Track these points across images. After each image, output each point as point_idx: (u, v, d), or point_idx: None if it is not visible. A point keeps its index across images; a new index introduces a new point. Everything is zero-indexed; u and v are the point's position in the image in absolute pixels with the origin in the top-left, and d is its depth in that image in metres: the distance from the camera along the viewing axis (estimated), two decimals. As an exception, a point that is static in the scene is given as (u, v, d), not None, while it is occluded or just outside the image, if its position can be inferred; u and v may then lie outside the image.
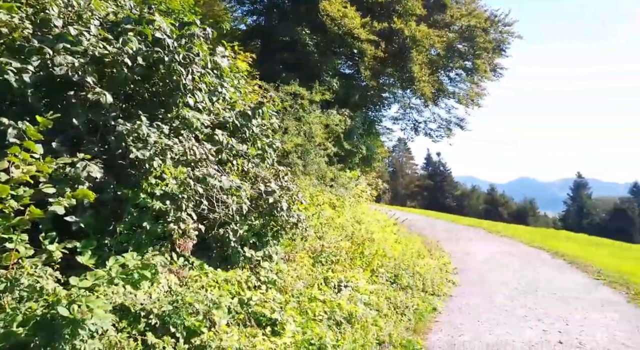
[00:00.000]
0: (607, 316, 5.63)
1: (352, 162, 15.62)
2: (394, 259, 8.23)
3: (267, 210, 4.61)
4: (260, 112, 4.80)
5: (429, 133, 21.59)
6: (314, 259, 6.21)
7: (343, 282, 5.76)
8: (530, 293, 7.07)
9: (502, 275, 8.65)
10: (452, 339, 5.03)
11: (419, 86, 15.71)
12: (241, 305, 3.75)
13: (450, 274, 8.82)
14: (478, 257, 10.89)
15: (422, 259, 9.28)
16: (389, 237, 9.95)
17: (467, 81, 19.54)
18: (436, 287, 7.37)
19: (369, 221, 10.06)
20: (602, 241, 20.32)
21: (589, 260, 10.24)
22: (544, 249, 12.05)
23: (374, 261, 7.32)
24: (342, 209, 10.50)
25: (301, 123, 8.74)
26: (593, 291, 7.15)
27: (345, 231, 8.57)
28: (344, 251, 6.63)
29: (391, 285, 6.96)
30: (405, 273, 7.55)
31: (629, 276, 8.37)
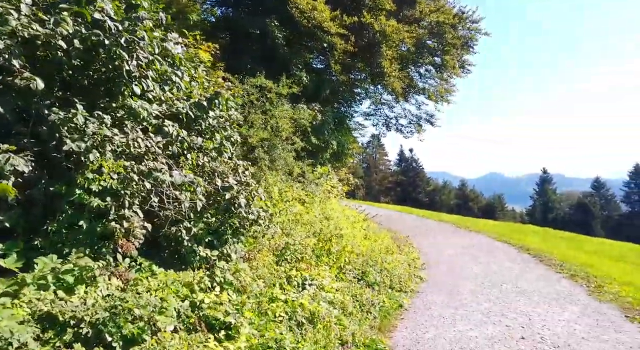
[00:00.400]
0: (567, 310, 5.69)
1: (322, 157, 15.45)
2: (362, 255, 8.13)
3: (224, 206, 4.35)
4: (216, 103, 4.52)
5: (400, 129, 21.71)
6: (277, 257, 6.00)
7: (308, 281, 5.58)
8: (495, 287, 7.12)
9: (469, 270, 8.70)
10: (416, 336, 4.94)
11: (389, 81, 15.68)
12: (192, 308, 3.50)
13: (418, 270, 8.81)
14: (446, 252, 10.97)
15: (390, 254, 9.23)
16: (358, 233, 9.85)
17: (437, 77, 19.72)
18: (403, 283, 7.32)
19: (338, 217, 9.93)
20: (565, 235, 21.05)
21: (552, 253, 10.48)
22: (511, 243, 12.28)
23: (341, 258, 7.18)
24: (312, 205, 10.31)
25: (268, 117, 8.47)
26: (555, 284, 7.27)
27: (313, 228, 8.39)
28: (309, 248, 6.43)
29: (358, 283, 6.84)
30: (373, 269, 7.46)
31: (589, 269, 8.58)
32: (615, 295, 6.43)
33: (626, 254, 14.69)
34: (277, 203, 9.60)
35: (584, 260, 9.92)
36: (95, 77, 3.77)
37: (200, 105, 4.46)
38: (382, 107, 22.18)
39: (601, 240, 21.09)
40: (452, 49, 17.00)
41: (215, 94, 4.56)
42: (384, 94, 21.28)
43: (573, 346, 4.34)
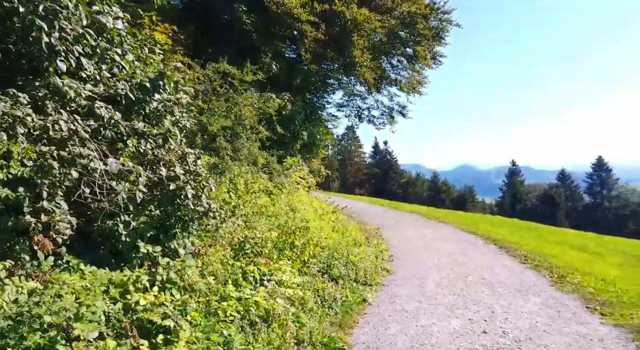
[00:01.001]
0: (530, 301, 5.64)
1: (293, 148, 15.12)
2: (329, 248, 7.90)
3: (169, 198, 3.99)
4: (161, 84, 4.12)
5: (372, 120, 21.56)
6: (236, 252, 5.68)
7: (266, 276, 5.29)
8: (460, 279, 7.04)
9: (435, 261, 8.64)
10: (377, 332, 4.75)
11: (361, 71, 15.45)
12: (125, 311, 3.15)
13: (385, 262, 8.67)
14: (415, 244, 10.92)
15: (358, 247, 9.06)
16: (326, 225, 9.62)
17: (409, 69, 19.63)
18: (369, 276, 7.14)
19: (306, 209, 9.66)
20: (532, 225, 21.56)
21: (518, 244, 10.59)
22: (478, 234, 12.37)
23: (305, 251, 6.92)
24: (279, 197, 10.00)
25: (231, 104, 8.05)
26: (520, 275, 7.27)
27: (278, 220, 8.08)
28: (270, 242, 6.13)
29: (322, 277, 6.61)
30: (338, 263, 7.25)
31: (552, 259, 8.67)
32: (576, 285, 6.45)
33: (587, 244, 15.11)
34: (242, 194, 9.24)
35: (548, 251, 10.05)
36: (14, 50, 3.31)
37: (143, 87, 4.04)
38: (354, 99, 21.97)
39: (565, 231, 21.73)
40: (423, 40, 16.90)
41: (160, 75, 4.15)
42: (356, 85, 21.05)
43: (534, 340, 4.25)
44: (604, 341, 4.20)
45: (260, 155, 8.77)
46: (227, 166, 9.02)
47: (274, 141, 13.87)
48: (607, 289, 6.17)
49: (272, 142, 13.89)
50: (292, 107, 14.22)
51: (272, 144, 11.54)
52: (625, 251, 14.90)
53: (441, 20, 16.83)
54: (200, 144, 7.64)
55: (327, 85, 20.42)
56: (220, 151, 7.65)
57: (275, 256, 6.25)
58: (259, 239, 6.01)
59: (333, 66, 18.59)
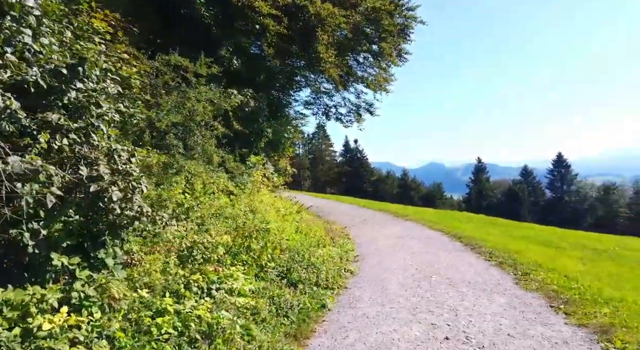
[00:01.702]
0: (495, 301, 5.45)
1: (257, 146, 14.60)
2: (290, 251, 7.51)
3: (90, 201, 3.46)
4: (80, 71, 3.58)
5: (339, 118, 21.32)
6: (182, 259, 5.17)
7: (215, 285, 4.83)
8: (425, 279, 6.80)
9: (401, 261, 8.40)
10: (335, 342, 4.38)
11: (325, 67, 15.10)
12: (24, 339, 2.63)
13: (350, 263, 8.36)
14: (382, 243, 10.69)
15: (322, 248, 8.71)
16: (289, 226, 9.21)
17: (375, 66, 19.51)
18: (331, 279, 6.78)
19: (267, 210, 9.21)
20: (497, 221, 21.96)
21: (483, 241, 10.53)
22: (444, 231, 12.29)
23: (263, 255, 6.49)
24: (239, 198, 9.50)
25: (184, 99, 7.49)
26: (484, 273, 7.11)
27: (236, 222, 7.61)
28: (221, 246, 5.65)
29: (281, 282, 6.20)
30: (299, 266, 6.86)
31: (516, 255, 8.61)
32: (540, 283, 6.34)
33: (550, 238, 15.44)
34: (199, 195, 8.70)
35: (512, 247, 10.04)
36: None
37: (59, 74, 3.50)
38: (321, 96, 21.67)
39: (529, 225, 22.28)
40: (389, 37, 16.75)
41: (81, 61, 3.62)
42: (323, 83, 20.77)
43: (498, 346, 4.01)
44: (569, 344, 4.01)
45: (215, 153, 8.24)
46: (182, 165, 8.46)
47: (236, 139, 13.32)
48: (570, 286, 6.08)
49: (234, 139, 13.33)
50: (255, 103, 13.71)
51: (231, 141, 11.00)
52: (584, 245, 15.31)
53: (406, 17, 16.75)
54: (149, 141, 7.05)
55: (294, 82, 20.02)
56: (171, 149, 7.09)
57: (228, 262, 5.79)
58: (210, 243, 5.52)
59: (299, 63, 18.20)
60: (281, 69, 17.35)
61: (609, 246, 15.52)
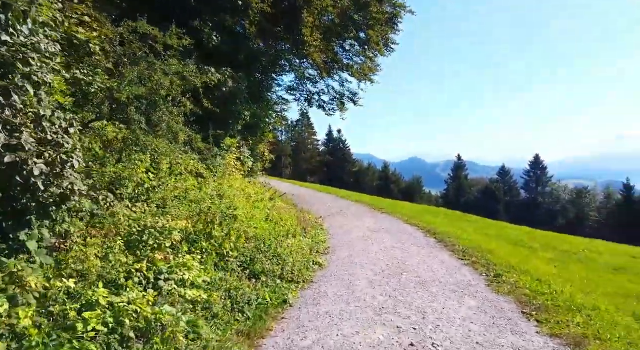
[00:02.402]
0: (465, 304, 5.18)
1: (234, 128, 14.00)
2: (257, 240, 7.09)
3: (4, 174, 2.94)
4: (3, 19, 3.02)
5: (322, 105, 20.84)
6: (129, 244, 4.68)
7: (164, 275, 4.37)
8: (394, 277, 6.51)
9: (373, 255, 8.10)
10: (291, 343, 4.01)
11: (310, 51, 14.58)
12: None
13: (320, 255, 8.02)
14: (355, 235, 10.39)
15: (292, 238, 8.33)
16: (259, 214, 8.77)
17: (362, 55, 19.08)
18: (298, 272, 6.41)
19: (236, 195, 8.73)
20: (472, 218, 22.07)
21: (457, 238, 10.36)
22: (420, 226, 12.09)
23: (225, 243, 6.04)
24: (208, 181, 8.99)
25: (151, 71, 6.87)
26: (456, 273, 6.87)
27: (200, 207, 7.12)
28: (176, 232, 5.18)
29: (242, 273, 5.79)
30: (264, 257, 6.45)
31: (490, 255, 8.44)
32: (513, 286, 6.12)
33: (523, 238, 15.52)
34: (164, 176, 8.16)
35: (486, 246, 9.90)
36: None
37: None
38: (305, 83, 21.15)
39: (503, 224, 22.49)
40: (376, 25, 16.29)
41: (3, 7, 3.06)
42: (308, 69, 20.24)
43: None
44: (541, 356, 3.77)
45: (182, 131, 7.67)
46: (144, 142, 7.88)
47: (210, 119, 12.73)
48: (542, 291, 5.88)
49: (208, 119, 12.73)
50: (233, 84, 13.09)
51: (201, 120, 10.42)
52: (555, 246, 15.46)
53: (395, 5, 16.29)
54: (107, 114, 6.45)
55: (277, 66, 19.39)
56: (133, 124, 6.51)
57: (185, 249, 5.33)
58: (165, 228, 5.04)
59: (284, 46, 17.63)
60: (265, 50, 16.70)
61: (579, 249, 15.74)
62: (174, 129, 7.15)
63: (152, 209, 6.44)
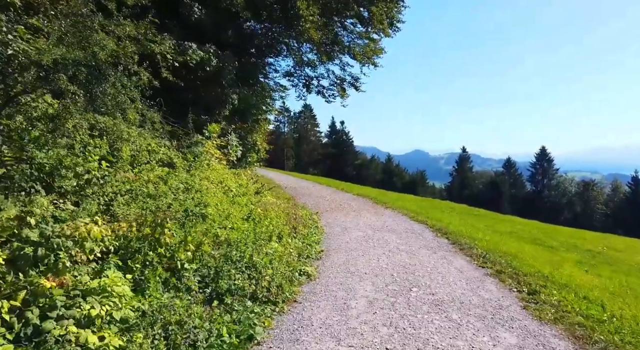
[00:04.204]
0: (500, 343, 3.72)
1: (219, 113, 12.52)
2: (229, 245, 5.67)
3: None
4: None
5: (321, 91, 19.28)
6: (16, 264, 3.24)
7: (57, 311, 2.92)
8: (401, 294, 5.06)
9: (374, 262, 6.67)
10: None
11: (305, 27, 13.01)
12: None
13: (310, 262, 6.60)
14: (355, 234, 8.96)
15: (277, 241, 6.91)
16: (238, 211, 7.33)
17: (364, 37, 17.52)
18: (277, 287, 4.97)
19: (210, 189, 7.28)
20: (481, 212, 20.67)
21: (472, 239, 8.92)
22: (428, 223, 10.64)
23: (179, 253, 4.60)
24: (178, 171, 7.55)
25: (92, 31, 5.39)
26: (479, 288, 5.42)
27: (157, 203, 5.69)
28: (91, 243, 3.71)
29: (202, 293, 4.37)
30: (234, 268, 5.03)
31: (514, 261, 7.01)
32: (556, 308, 4.67)
33: (539, 236, 14.09)
34: (122, 165, 6.73)
35: (505, 248, 8.47)
36: None
37: None
38: (304, 68, 19.61)
39: (512, 219, 21.08)
40: (380, 2, 14.68)
41: None
42: (307, 53, 18.70)
43: None
44: None
45: (133, 108, 6.20)
46: (111, 125, 6.44)
47: (190, 101, 11.29)
48: (597, 316, 4.43)
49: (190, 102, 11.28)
50: (218, 62, 11.60)
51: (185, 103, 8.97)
52: (574, 244, 14.02)
53: (400, -25, 14.67)
54: (31, 81, 4.99)
55: (274, 49, 17.87)
56: (66, 96, 5.05)
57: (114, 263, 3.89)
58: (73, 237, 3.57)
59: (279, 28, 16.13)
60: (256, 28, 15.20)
61: (597, 246, 14.33)
62: (122, 104, 5.68)
63: (92, 207, 5.01)
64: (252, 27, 16.62)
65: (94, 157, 5.94)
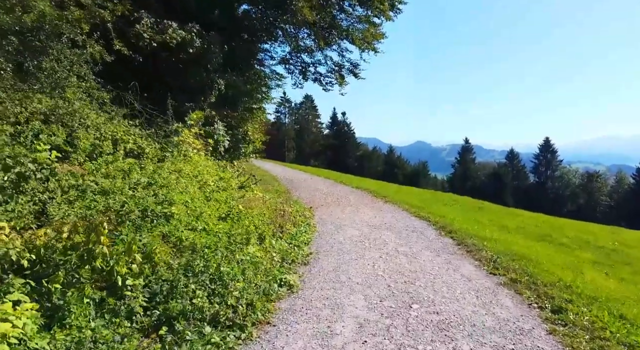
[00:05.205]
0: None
1: (204, 100, 11.54)
2: (193, 251, 4.77)
3: None
4: None
5: (318, 78, 18.22)
6: None
7: None
8: (399, 313, 4.15)
9: (368, 268, 5.77)
10: None
11: (298, 6, 11.97)
12: None
13: (294, 268, 5.70)
14: (349, 233, 8.07)
15: (258, 243, 6.01)
16: (214, 209, 6.40)
17: (364, 21, 16.44)
18: (247, 306, 4.06)
19: (180, 183, 6.33)
20: (484, 205, 19.76)
21: (479, 237, 8.03)
22: (430, 220, 9.73)
23: (119, 267, 3.69)
24: (145, 163, 6.62)
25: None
26: (492, 302, 4.52)
27: (109, 201, 4.78)
28: None
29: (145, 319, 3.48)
30: (194, 282, 4.12)
31: (530, 266, 6.10)
32: (590, 333, 3.75)
33: (546, 231, 13.18)
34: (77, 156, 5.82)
35: (516, 248, 7.58)
36: None
37: None
38: (300, 54, 18.56)
39: (518, 212, 20.15)
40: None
41: None
42: (304, 39, 17.65)
43: None
44: None
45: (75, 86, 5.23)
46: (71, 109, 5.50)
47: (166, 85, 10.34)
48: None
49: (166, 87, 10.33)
50: (202, 43, 10.61)
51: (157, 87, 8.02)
52: (586, 240, 13.11)
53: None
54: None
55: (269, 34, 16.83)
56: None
57: (18, 285, 3.00)
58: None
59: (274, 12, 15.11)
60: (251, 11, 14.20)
61: (608, 242, 13.43)
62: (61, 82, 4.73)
63: (17, 207, 4.11)
64: (247, 11, 15.64)
65: (43, 146, 5.05)
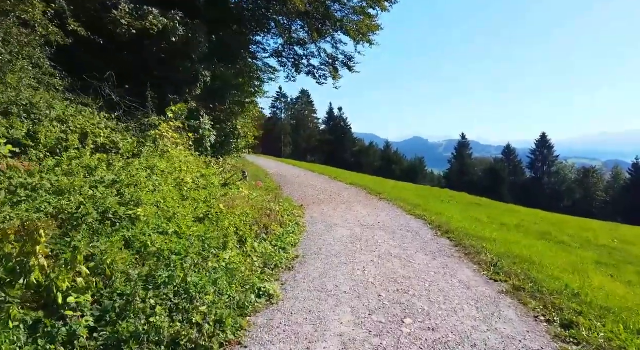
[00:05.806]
0: None
1: (189, 92, 10.96)
2: (160, 258, 4.23)
3: None
4: None
5: (311, 71, 17.72)
6: None
7: None
8: (390, 332, 3.63)
9: (359, 273, 5.26)
10: None
11: (289, -7, 11.40)
12: None
13: (277, 274, 5.18)
14: (340, 233, 7.56)
15: (237, 247, 5.49)
16: (192, 209, 5.87)
17: (359, 12, 15.91)
18: (214, 323, 3.54)
19: (152, 180, 5.78)
20: (482, 201, 19.35)
21: (477, 237, 7.55)
22: (426, 218, 9.23)
23: (60, 281, 3.15)
24: (115, 158, 6.07)
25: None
26: (494, 316, 4.02)
27: (63, 202, 4.24)
28: None
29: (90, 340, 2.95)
30: (154, 296, 3.58)
31: (532, 270, 5.62)
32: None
33: (546, 229, 12.70)
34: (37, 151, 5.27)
35: (518, 250, 7.07)
36: None
37: None
38: (293, 46, 18.02)
39: (516, 209, 19.74)
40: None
41: None
42: (297, 31, 17.11)
43: None
44: None
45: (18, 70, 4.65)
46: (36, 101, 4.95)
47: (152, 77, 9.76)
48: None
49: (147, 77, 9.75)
50: (187, 32, 10.01)
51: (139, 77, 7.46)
52: (587, 238, 12.64)
53: None
54: None
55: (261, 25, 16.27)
56: None
57: None
58: None
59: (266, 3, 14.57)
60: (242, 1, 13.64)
61: (608, 239, 13.00)
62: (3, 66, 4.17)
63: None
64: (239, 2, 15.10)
65: None
